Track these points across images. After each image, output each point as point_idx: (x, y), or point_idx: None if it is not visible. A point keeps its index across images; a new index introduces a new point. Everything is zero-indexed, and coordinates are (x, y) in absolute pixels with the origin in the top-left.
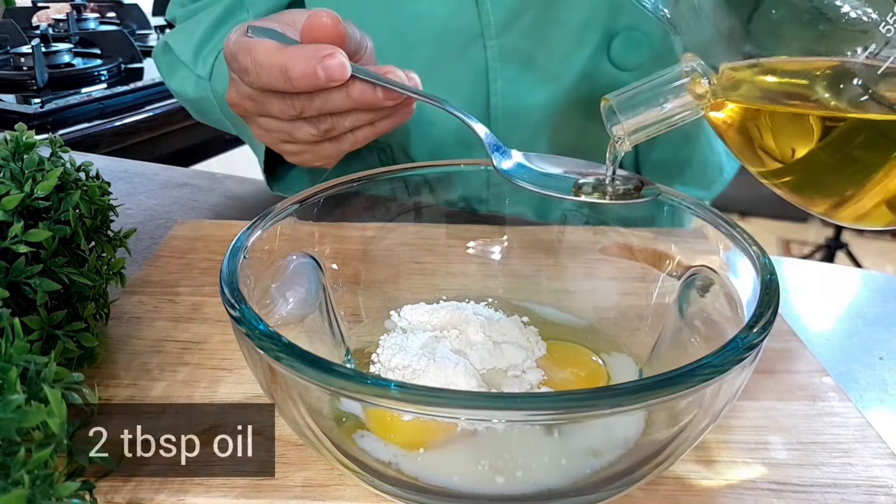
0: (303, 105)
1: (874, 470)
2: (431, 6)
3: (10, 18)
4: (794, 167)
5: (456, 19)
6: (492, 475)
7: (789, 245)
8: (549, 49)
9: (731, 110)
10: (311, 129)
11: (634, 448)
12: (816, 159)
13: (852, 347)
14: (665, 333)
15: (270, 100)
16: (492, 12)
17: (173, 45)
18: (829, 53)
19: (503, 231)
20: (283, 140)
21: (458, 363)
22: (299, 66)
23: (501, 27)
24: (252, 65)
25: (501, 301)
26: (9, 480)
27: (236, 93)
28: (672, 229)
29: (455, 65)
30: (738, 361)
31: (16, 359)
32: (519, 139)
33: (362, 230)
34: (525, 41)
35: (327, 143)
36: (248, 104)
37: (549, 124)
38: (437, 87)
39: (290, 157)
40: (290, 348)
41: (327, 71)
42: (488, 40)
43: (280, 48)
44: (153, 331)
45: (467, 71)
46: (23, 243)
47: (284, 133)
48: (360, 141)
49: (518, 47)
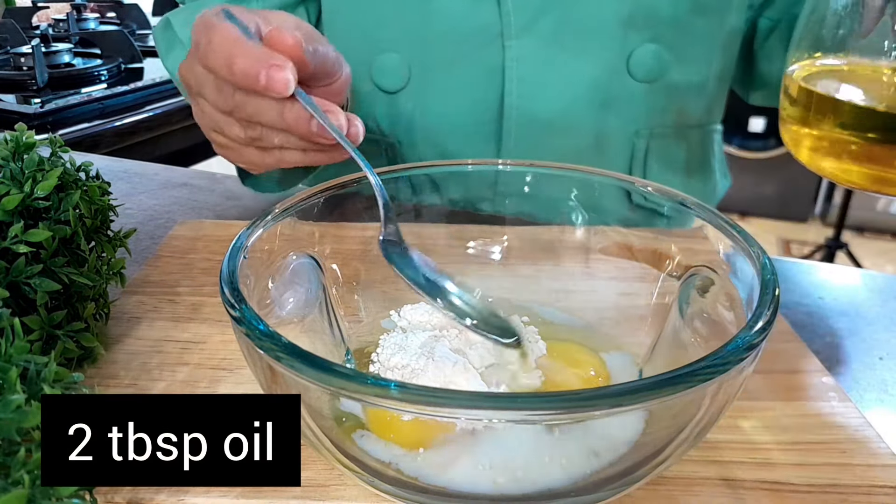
0: (235, 103)
1: (874, 470)
2: (451, 3)
3: (10, 18)
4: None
5: (476, 18)
6: (492, 475)
7: (789, 245)
8: (567, 54)
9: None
10: (238, 130)
11: (634, 448)
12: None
13: (852, 347)
14: (665, 333)
15: (209, 85)
16: (513, 13)
17: (174, 23)
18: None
19: (503, 231)
20: (213, 129)
21: (458, 362)
22: (245, 62)
23: (521, 28)
24: (206, 44)
25: (501, 301)
26: (9, 480)
27: (186, 65)
28: (672, 229)
29: (472, 63)
30: (738, 361)
31: (16, 359)
32: (530, 141)
33: (362, 230)
34: (544, 44)
35: (253, 149)
36: (191, 79)
37: (562, 127)
38: (452, 85)
39: (216, 147)
40: (290, 348)
41: (269, 80)
42: (507, 40)
43: (239, 39)
44: (153, 331)
45: (483, 70)
46: (23, 243)
47: (215, 123)
48: (288, 162)
49: (536, 49)
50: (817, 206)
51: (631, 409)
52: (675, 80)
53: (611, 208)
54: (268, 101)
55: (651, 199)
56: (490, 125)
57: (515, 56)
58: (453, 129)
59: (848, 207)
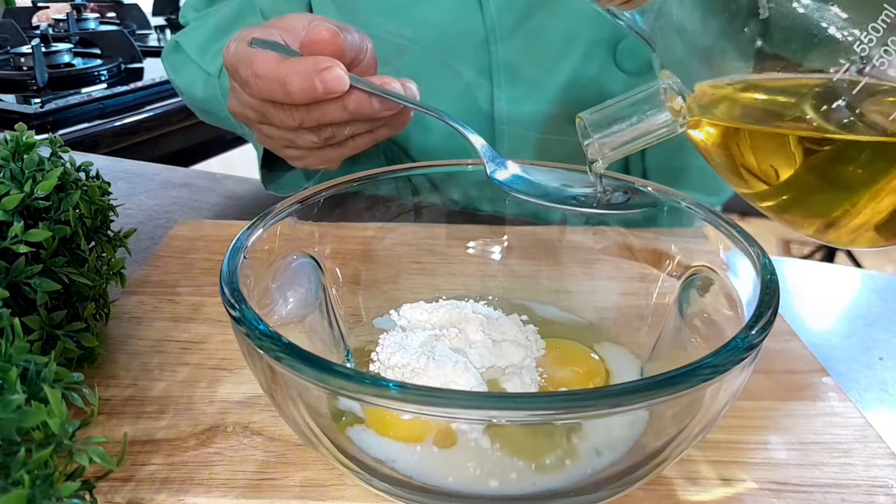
0: (302, 116)
1: (874, 470)
2: (436, 11)
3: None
4: (778, 189)
5: (460, 24)
6: (491, 475)
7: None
8: (554, 54)
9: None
10: (312, 137)
11: (634, 448)
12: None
13: (852, 347)
14: (665, 333)
15: (271, 111)
16: (496, 17)
17: (183, 43)
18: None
19: (503, 231)
20: (286, 146)
21: (458, 362)
22: (298, 79)
23: (507, 32)
24: (252, 77)
25: (501, 300)
26: (9, 480)
27: (237, 102)
28: (672, 229)
29: (459, 69)
30: (738, 361)
31: (16, 359)
32: (523, 143)
33: (362, 230)
34: (531, 46)
35: (329, 148)
36: (249, 113)
37: (555, 128)
38: (441, 91)
39: (294, 161)
40: (290, 348)
41: (325, 84)
42: (493, 45)
43: (280, 60)
44: (153, 331)
45: (471, 75)
46: (23, 243)
47: (286, 140)
48: (361, 146)
49: (524, 52)
50: None
51: (631, 409)
52: None
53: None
54: (330, 102)
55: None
56: (482, 131)
57: (502, 60)
58: (446, 136)
59: None
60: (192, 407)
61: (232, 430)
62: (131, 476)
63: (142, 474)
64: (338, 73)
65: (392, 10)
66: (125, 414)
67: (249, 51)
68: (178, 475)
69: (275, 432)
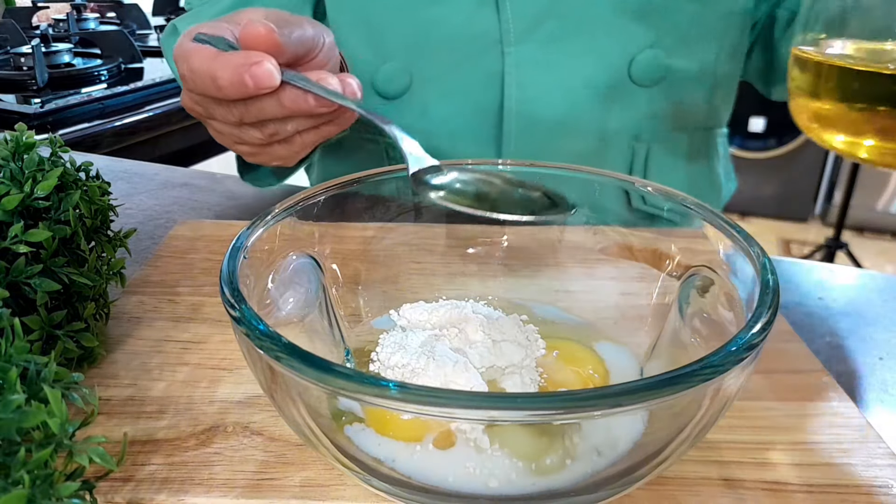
0: (241, 112)
1: (874, 470)
2: (450, 11)
3: (10, 18)
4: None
5: (475, 25)
6: (491, 475)
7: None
8: (567, 59)
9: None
10: (256, 133)
11: (634, 448)
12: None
13: (852, 347)
14: (665, 333)
15: (212, 106)
16: (512, 20)
17: (181, 27)
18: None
19: (503, 231)
20: (235, 142)
21: (458, 362)
22: (228, 74)
23: (521, 35)
24: (188, 72)
25: (501, 300)
26: (9, 480)
27: (186, 96)
28: (672, 229)
29: (471, 69)
30: (738, 361)
31: (16, 359)
32: (531, 145)
33: (362, 230)
34: (544, 50)
35: (277, 145)
36: (196, 108)
37: (562, 132)
38: (452, 91)
39: (247, 157)
40: (290, 348)
41: (255, 79)
42: (507, 47)
43: (215, 56)
44: (153, 331)
45: (483, 76)
46: (23, 243)
47: (234, 136)
48: (310, 143)
49: (536, 55)
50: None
51: (631, 409)
52: (677, 78)
53: (611, 208)
54: (265, 98)
55: (651, 200)
56: (490, 130)
57: (514, 62)
58: (453, 135)
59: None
60: (192, 407)
61: (232, 430)
62: (131, 476)
63: (142, 474)
64: (267, 67)
65: (407, 8)
66: (125, 414)
67: (190, 46)
68: (178, 475)
69: (275, 432)
